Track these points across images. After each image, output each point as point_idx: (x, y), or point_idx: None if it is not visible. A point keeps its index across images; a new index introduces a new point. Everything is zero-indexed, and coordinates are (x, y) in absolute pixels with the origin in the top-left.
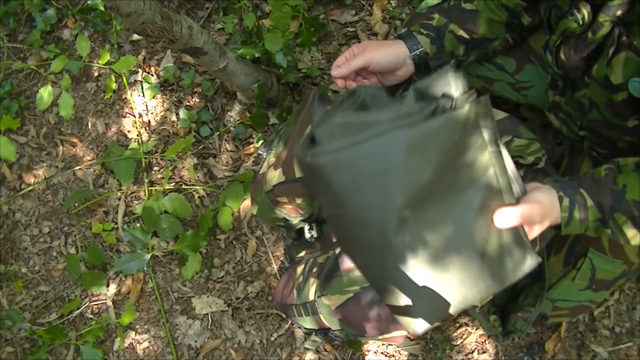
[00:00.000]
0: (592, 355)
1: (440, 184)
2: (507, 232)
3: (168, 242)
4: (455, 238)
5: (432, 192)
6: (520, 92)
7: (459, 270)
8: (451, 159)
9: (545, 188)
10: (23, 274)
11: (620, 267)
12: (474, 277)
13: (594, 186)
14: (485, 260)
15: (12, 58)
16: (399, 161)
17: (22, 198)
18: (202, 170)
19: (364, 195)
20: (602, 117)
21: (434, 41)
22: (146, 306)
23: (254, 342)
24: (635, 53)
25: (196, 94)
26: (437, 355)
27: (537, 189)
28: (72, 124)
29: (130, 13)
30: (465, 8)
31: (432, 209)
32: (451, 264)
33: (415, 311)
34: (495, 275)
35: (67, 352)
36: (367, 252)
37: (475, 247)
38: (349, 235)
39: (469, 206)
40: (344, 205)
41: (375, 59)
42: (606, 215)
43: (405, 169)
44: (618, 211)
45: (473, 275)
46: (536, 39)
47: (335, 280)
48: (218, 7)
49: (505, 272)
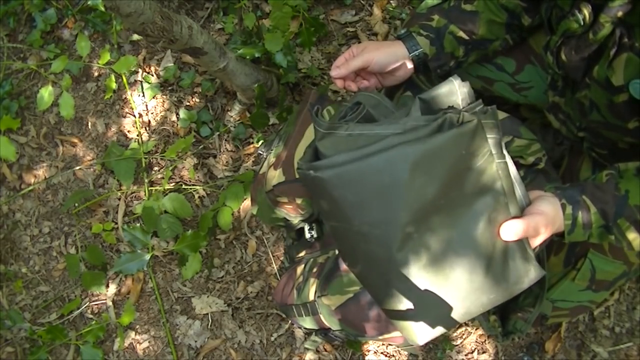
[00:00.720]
0: (592, 355)
1: (445, 199)
2: (512, 245)
3: (168, 242)
4: (459, 251)
5: (438, 207)
6: (520, 92)
7: (463, 283)
8: (458, 174)
9: (548, 196)
10: (23, 274)
11: (620, 268)
12: (478, 289)
13: (597, 193)
14: (490, 273)
15: (12, 58)
16: (405, 177)
17: (22, 198)
18: (202, 170)
19: (368, 210)
20: (602, 118)
21: (433, 42)
22: (146, 306)
23: (254, 342)
24: (636, 55)
25: (196, 94)
26: (437, 355)
27: (540, 199)
28: (72, 124)
29: (130, 13)
30: (465, 9)
31: (437, 222)
32: (455, 277)
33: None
34: (499, 288)
35: (67, 352)
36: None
37: (480, 260)
38: (351, 247)
39: (475, 219)
40: (348, 219)
41: (374, 59)
42: (610, 222)
43: (410, 185)
44: (621, 217)
45: (477, 288)
46: (536, 39)
47: (335, 281)
48: (218, 7)
49: (508, 284)
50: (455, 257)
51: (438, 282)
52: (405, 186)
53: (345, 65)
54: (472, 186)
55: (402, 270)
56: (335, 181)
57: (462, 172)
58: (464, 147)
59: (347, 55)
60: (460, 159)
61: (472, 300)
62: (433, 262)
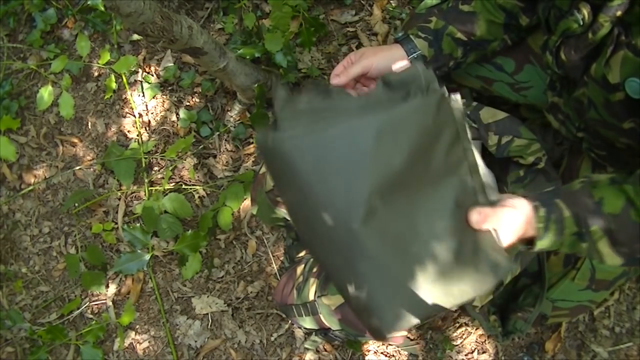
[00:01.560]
0: (592, 355)
1: (412, 175)
2: (482, 236)
3: (168, 242)
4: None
5: (404, 182)
6: (519, 92)
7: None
8: (424, 147)
9: (521, 197)
10: (23, 274)
11: (619, 267)
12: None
13: (571, 197)
14: (459, 259)
15: (12, 58)
16: (369, 146)
17: (22, 198)
18: (202, 170)
19: (329, 181)
20: (599, 117)
21: (431, 44)
22: (146, 306)
23: (254, 342)
24: (633, 52)
25: (196, 94)
26: (437, 355)
27: (513, 197)
28: (72, 124)
29: (130, 13)
30: (462, 10)
31: (403, 202)
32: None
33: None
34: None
35: (67, 352)
36: (329, 243)
37: (448, 243)
38: (311, 225)
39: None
40: (307, 192)
41: (373, 65)
42: (583, 228)
43: (375, 154)
44: (595, 225)
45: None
46: (535, 39)
47: None
48: (218, 7)
49: (480, 275)
50: (421, 238)
51: (404, 264)
52: (370, 156)
53: (345, 73)
54: (438, 164)
55: (365, 247)
56: (294, 151)
57: (429, 147)
58: (429, 118)
59: (345, 63)
60: (427, 131)
61: (440, 287)
62: (398, 242)
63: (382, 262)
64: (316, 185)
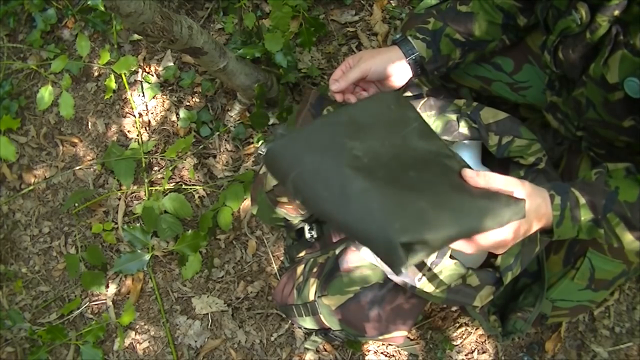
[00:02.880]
0: (592, 355)
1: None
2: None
3: (168, 242)
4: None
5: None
6: (518, 92)
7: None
8: (393, 123)
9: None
10: (23, 274)
11: (619, 267)
12: (444, 205)
13: (586, 187)
14: (455, 192)
15: (12, 58)
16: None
17: (22, 198)
18: (202, 170)
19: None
20: (598, 116)
21: (429, 45)
22: (146, 306)
23: (254, 342)
24: (631, 52)
25: (196, 94)
26: (437, 355)
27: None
28: (72, 124)
29: (130, 13)
30: (460, 10)
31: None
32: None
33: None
34: (479, 212)
35: (67, 352)
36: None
37: (444, 177)
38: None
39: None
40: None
41: (371, 68)
42: (599, 215)
43: (348, 124)
44: (611, 211)
45: (443, 203)
46: (534, 38)
47: (336, 281)
48: (218, 7)
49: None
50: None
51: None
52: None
53: (344, 77)
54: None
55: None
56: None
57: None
58: (391, 102)
59: (343, 68)
60: (390, 112)
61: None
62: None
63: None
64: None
